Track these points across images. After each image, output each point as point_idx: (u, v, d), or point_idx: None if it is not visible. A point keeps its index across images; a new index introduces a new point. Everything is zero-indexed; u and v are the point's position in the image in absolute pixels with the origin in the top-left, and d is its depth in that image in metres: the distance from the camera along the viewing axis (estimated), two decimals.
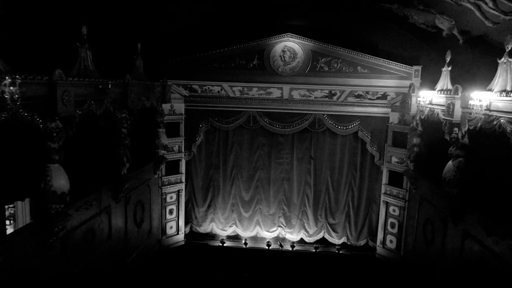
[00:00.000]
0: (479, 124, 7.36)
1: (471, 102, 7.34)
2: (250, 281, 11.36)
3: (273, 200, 13.58)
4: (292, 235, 13.52)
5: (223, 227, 13.73)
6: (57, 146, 6.39)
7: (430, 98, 9.84)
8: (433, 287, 9.88)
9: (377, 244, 13.00)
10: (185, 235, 13.54)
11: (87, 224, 8.12)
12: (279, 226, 13.62)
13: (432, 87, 9.99)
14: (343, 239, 13.40)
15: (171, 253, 12.88)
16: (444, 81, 9.54)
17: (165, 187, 12.72)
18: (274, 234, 13.59)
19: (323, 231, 13.45)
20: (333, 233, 13.41)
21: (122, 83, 8.78)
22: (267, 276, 11.66)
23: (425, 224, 10.58)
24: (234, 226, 13.71)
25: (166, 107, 12.18)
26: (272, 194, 13.60)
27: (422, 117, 10.38)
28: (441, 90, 9.44)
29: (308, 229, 13.51)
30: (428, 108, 9.92)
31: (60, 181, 6.49)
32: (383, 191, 12.70)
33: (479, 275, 7.70)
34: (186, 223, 13.61)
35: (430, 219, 10.30)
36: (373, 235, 13.12)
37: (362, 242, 13.31)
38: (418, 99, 10.16)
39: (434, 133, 10.24)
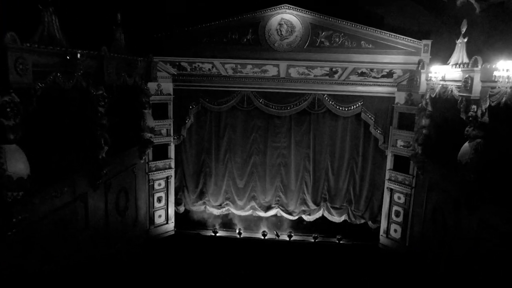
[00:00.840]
0: (504, 99, 6.42)
1: (496, 73, 6.38)
2: (247, 278, 10.53)
3: (269, 188, 12.71)
4: (291, 216, 12.69)
5: (216, 210, 12.90)
6: (12, 123, 5.42)
7: (442, 73, 8.87)
8: (443, 280, 9.05)
9: (381, 234, 12.15)
10: (175, 224, 12.67)
11: (58, 213, 7.18)
12: (277, 204, 12.73)
13: (443, 63, 9.03)
14: (344, 217, 12.53)
15: (160, 243, 12.03)
16: (459, 54, 8.57)
17: (152, 173, 11.79)
18: (272, 213, 12.71)
19: (322, 209, 12.58)
20: (333, 211, 12.56)
21: (96, 55, 7.76)
22: (264, 270, 10.82)
23: (434, 213, 9.72)
24: (228, 206, 12.82)
25: (152, 86, 11.18)
26: (268, 180, 12.72)
27: (433, 96, 9.41)
28: (456, 64, 8.47)
29: (309, 204, 12.65)
30: (440, 85, 8.95)
31: (17, 164, 5.54)
32: (387, 177, 11.81)
33: (496, 270, 6.86)
34: (178, 204, 12.75)
35: (440, 207, 9.43)
36: (374, 221, 12.30)
37: (362, 221, 12.47)
38: (431, 74, 9.17)
39: (446, 112, 9.34)
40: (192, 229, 12.64)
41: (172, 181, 12.44)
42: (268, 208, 12.75)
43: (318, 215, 12.59)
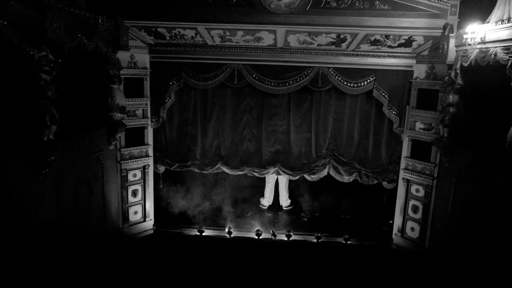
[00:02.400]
0: None
1: None
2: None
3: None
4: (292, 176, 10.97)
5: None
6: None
7: (481, 34, 7.06)
8: None
9: (395, 233, 10.40)
10: (155, 222, 10.84)
11: None
12: (275, 166, 10.85)
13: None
14: (354, 176, 10.68)
15: (136, 245, 10.21)
16: (505, 8, 6.77)
17: (125, 162, 9.94)
18: (271, 171, 10.91)
19: (327, 167, 10.74)
20: (341, 169, 10.64)
21: (32, 3, 5.85)
22: (258, 277, 9.04)
23: (465, 208, 7.99)
24: (219, 164, 10.90)
25: (124, 57, 9.34)
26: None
27: (465, 64, 7.61)
28: (502, 20, 6.66)
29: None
30: (478, 50, 7.15)
31: None
32: (403, 166, 10.03)
33: None
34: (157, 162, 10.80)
35: (472, 201, 7.69)
36: (390, 181, 10.51)
37: (375, 181, 10.62)
38: (466, 36, 7.30)
39: (482, 84, 7.57)
40: (174, 227, 10.81)
41: (151, 171, 10.60)
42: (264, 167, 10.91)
43: (323, 174, 10.76)
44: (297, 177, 10.89)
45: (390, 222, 10.96)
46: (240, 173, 10.94)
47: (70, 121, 7.61)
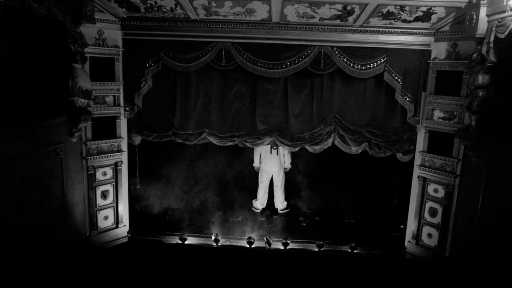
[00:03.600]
0: None
1: None
2: None
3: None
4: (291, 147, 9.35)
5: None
6: None
7: None
8: None
9: (408, 240, 8.98)
10: (130, 228, 9.30)
11: None
12: (271, 136, 9.18)
13: None
14: (363, 147, 9.03)
15: (107, 255, 8.67)
16: None
17: (93, 157, 8.40)
18: (265, 141, 9.25)
19: (332, 136, 9.03)
20: (348, 138, 8.99)
21: None
22: None
23: (496, 211, 6.61)
24: (205, 134, 9.18)
25: (90, 33, 7.87)
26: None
27: (502, 36, 6.23)
28: None
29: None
30: None
31: None
32: (418, 162, 8.63)
33: None
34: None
35: (508, 203, 6.32)
36: (406, 152, 8.89)
37: (388, 153, 8.99)
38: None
39: None
40: (152, 234, 9.27)
41: (124, 169, 9.07)
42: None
43: (327, 144, 9.14)
44: (297, 148, 9.30)
45: (402, 227, 9.58)
46: (230, 143, 9.28)
47: (17, 106, 6.11)
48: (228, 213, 10.26)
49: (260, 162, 10.53)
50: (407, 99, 8.38)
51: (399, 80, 8.34)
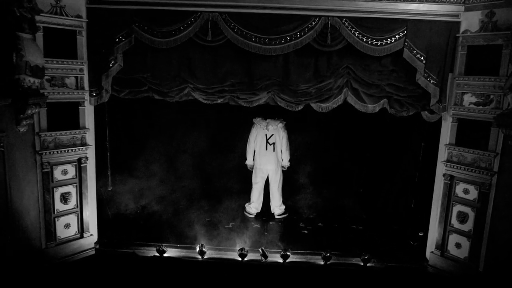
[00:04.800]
0: None
1: None
2: None
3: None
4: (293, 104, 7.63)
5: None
6: None
7: None
8: None
9: (430, 250, 7.55)
10: (99, 238, 7.76)
11: None
12: (270, 92, 7.56)
13: None
14: (382, 104, 7.45)
15: (68, 272, 7.12)
16: None
17: (48, 152, 6.84)
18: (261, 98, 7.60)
19: (344, 91, 7.43)
20: (364, 93, 7.36)
21: None
22: None
23: None
24: (189, 89, 7.52)
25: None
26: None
27: None
28: None
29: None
30: None
31: None
32: (443, 157, 7.21)
33: None
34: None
35: None
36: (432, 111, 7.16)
37: (411, 111, 7.42)
38: None
39: None
40: (125, 245, 7.72)
41: (91, 166, 7.50)
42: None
43: (337, 101, 7.53)
44: (300, 107, 7.62)
45: (420, 234, 8.21)
46: (220, 100, 7.66)
47: None
48: (216, 219, 8.77)
49: (253, 159, 9.08)
50: (431, 81, 6.95)
51: (422, 58, 6.90)
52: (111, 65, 7.07)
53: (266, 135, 8.83)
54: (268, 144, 8.83)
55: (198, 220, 8.52)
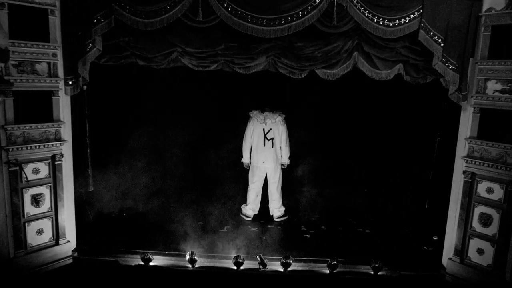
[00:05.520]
0: None
1: None
2: None
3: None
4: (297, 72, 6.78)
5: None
6: None
7: None
8: None
9: (448, 256, 6.77)
10: (78, 245, 6.94)
11: None
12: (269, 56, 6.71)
13: None
14: (396, 70, 6.64)
15: (40, 284, 6.29)
16: None
17: (16, 148, 5.99)
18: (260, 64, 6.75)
19: (354, 55, 6.57)
20: (376, 57, 6.52)
21: None
22: None
23: None
24: (177, 53, 6.65)
25: None
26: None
27: None
28: None
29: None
30: None
31: None
32: (464, 152, 6.44)
33: None
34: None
35: None
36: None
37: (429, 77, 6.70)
38: None
39: None
40: (107, 252, 6.89)
41: (68, 164, 6.67)
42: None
43: (346, 67, 6.65)
44: (304, 73, 6.74)
45: (434, 238, 7.48)
46: (213, 66, 6.80)
47: None
48: (210, 222, 7.96)
49: (250, 156, 8.29)
50: (450, 67, 6.17)
51: (440, 41, 6.12)
52: (88, 49, 6.23)
53: (263, 129, 8.03)
54: (266, 140, 8.05)
55: (189, 224, 7.69)
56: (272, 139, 8.04)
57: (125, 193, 7.95)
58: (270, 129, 8.01)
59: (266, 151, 8.09)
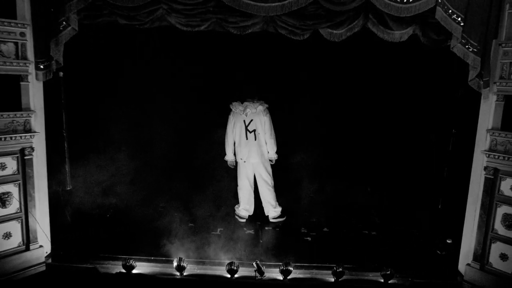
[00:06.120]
0: None
1: None
2: None
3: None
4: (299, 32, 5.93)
5: None
6: None
7: None
8: None
9: (466, 262, 6.09)
10: (52, 250, 6.20)
11: None
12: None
13: None
14: (412, 29, 5.82)
15: None
16: None
17: None
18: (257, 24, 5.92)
19: (362, 15, 5.71)
20: (389, 17, 5.60)
21: None
22: None
23: None
24: (163, 10, 5.72)
25: None
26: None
27: None
28: None
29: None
30: None
31: None
32: (485, 145, 5.76)
33: None
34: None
35: None
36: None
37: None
38: None
39: None
40: (84, 259, 6.14)
41: (40, 160, 5.94)
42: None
43: (354, 27, 5.83)
44: (307, 34, 5.88)
45: (448, 241, 6.81)
46: (203, 26, 5.89)
47: None
48: (201, 224, 7.24)
49: (235, 153, 7.55)
50: (470, 49, 5.49)
51: (459, 19, 5.43)
52: (61, 27, 5.51)
53: (244, 121, 7.27)
54: (248, 132, 7.27)
55: (178, 226, 6.96)
56: (254, 130, 7.26)
57: (107, 192, 7.21)
58: (252, 120, 7.24)
59: (249, 145, 7.29)
